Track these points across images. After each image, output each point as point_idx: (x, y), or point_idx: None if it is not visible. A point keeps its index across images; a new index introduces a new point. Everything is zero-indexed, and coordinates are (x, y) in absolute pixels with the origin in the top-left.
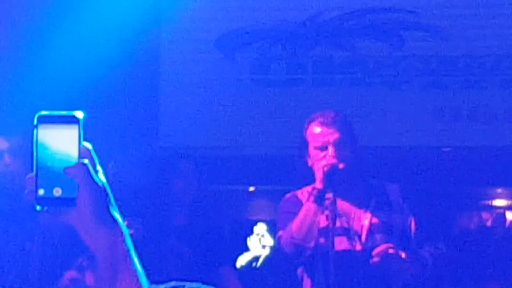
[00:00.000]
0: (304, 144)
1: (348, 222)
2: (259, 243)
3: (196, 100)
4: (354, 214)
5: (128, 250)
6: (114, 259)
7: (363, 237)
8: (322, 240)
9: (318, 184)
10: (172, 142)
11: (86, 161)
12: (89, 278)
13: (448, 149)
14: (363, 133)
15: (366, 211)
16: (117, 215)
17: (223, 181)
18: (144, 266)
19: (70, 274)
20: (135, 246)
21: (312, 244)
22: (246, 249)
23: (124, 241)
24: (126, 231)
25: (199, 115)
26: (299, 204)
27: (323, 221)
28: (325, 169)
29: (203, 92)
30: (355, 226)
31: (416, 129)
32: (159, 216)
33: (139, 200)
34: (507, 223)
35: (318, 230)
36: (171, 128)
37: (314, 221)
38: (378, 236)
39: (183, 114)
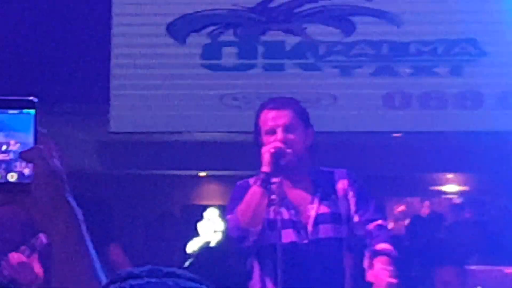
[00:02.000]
0: (257, 130)
1: (295, 213)
2: (210, 228)
3: (147, 85)
4: (301, 203)
5: (83, 236)
6: (69, 245)
7: (309, 228)
8: (269, 231)
9: (265, 168)
10: (122, 128)
11: (41, 146)
12: (36, 263)
13: (398, 134)
14: (313, 118)
15: (312, 200)
16: (72, 200)
17: (173, 166)
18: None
19: (16, 256)
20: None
21: (258, 228)
22: (197, 234)
23: (79, 226)
24: (81, 217)
25: (150, 100)
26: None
27: (270, 213)
28: (272, 151)
29: (154, 77)
30: (302, 217)
31: (367, 114)
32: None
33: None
34: (457, 208)
35: (265, 221)
36: (122, 113)
37: (260, 205)
38: (325, 227)
39: (134, 99)
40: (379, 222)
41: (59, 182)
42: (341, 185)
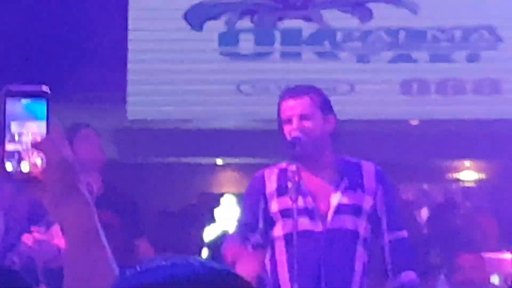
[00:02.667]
0: (278, 119)
1: (312, 201)
2: (227, 216)
3: (165, 73)
4: (321, 191)
5: (96, 226)
6: (81, 233)
7: (329, 217)
8: (286, 220)
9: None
10: (140, 115)
11: (53, 135)
12: (55, 236)
13: (416, 122)
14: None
15: (336, 189)
16: (84, 189)
17: (190, 154)
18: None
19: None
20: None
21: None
22: (214, 221)
23: (91, 216)
24: (93, 207)
25: (167, 87)
26: (262, 186)
27: (286, 201)
28: (289, 140)
29: (171, 65)
30: (321, 205)
31: (384, 101)
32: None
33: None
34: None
35: (282, 210)
36: (139, 101)
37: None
38: (344, 218)
39: (151, 87)
40: (404, 233)
41: (70, 171)
42: (369, 180)
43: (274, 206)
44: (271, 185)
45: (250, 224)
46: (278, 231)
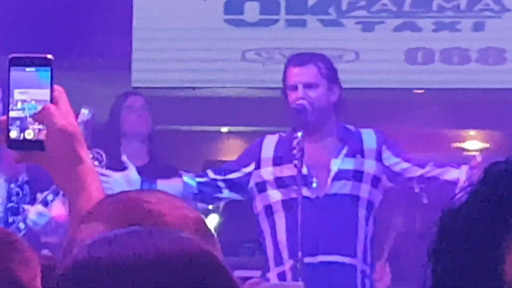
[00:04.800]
0: (283, 85)
1: (314, 168)
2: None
3: (169, 40)
4: (323, 158)
5: (100, 191)
6: (85, 201)
7: (328, 182)
8: (291, 186)
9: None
10: (145, 83)
11: (56, 103)
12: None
13: (421, 91)
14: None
15: (337, 155)
16: (87, 156)
17: (194, 122)
18: None
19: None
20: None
21: None
22: None
23: (95, 182)
24: (96, 173)
25: (172, 55)
26: (258, 150)
27: (291, 168)
28: (293, 106)
29: (176, 32)
30: (322, 172)
31: (389, 70)
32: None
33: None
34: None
35: (278, 178)
36: (144, 68)
37: None
38: (344, 183)
39: (155, 55)
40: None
41: (73, 139)
42: (369, 145)
43: (268, 173)
44: (267, 152)
45: (227, 169)
46: (276, 198)
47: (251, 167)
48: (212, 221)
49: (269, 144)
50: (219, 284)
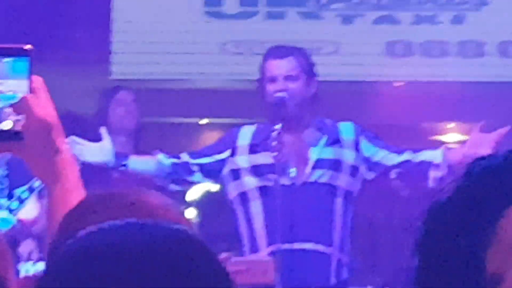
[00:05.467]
0: (261, 77)
1: (291, 159)
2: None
3: (149, 32)
4: (303, 149)
5: (79, 187)
6: (64, 191)
7: (307, 171)
8: (260, 175)
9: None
10: (124, 75)
11: (35, 94)
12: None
13: (401, 83)
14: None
15: (316, 145)
16: (66, 147)
17: (174, 114)
18: None
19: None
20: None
21: None
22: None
23: (73, 172)
24: (76, 163)
25: (152, 47)
26: (234, 138)
27: (260, 158)
28: (271, 99)
29: (155, 24)
30: (299, 163)
31: (368, 63)
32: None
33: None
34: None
35: (255, 166)
36: (124, 60)
37: None
38: (322, 172)
39: (135, 47)
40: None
41: (51, 130)
42: (348, 135)
43: (244, 161)
44: (244, 140)
45: (199, 154)
46: (251, 185)
47: (226, 153)
48: (190, 215)
49: (246, 133)
50: (211, 274)
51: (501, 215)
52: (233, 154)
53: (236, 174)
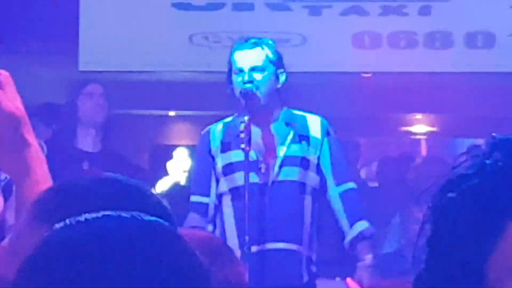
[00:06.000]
0: (228, 69)
1: (262, 154)
2: (179, 168)
3: (117, 24)
4: (270, 144)
5: (47, 176)
6: (33, 185)
7: (275, 169)
8: (231, 174)
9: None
10: (92, 66)
11: (1, 88)
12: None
13: (368, 75)
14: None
15: (283, 142)
16: (34, 141)
17: (142, 106)
18: None
19: None
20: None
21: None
22: (166, 173)
23: (42, 167)
24: (43, 157)
25: (119, 39)
26: (207, 144)
27: (239, 154)
28: (238, 92)
29: (123, 16)
30: (269, 158)
31: (336, 54)
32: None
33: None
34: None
35: (226, 165)
36: (91, 52)
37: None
38: (291, 170)
39: (103, 38)
40: (352, 184)
41: (20, 124)
42: (315, 132)
43: (219, 163)
44: (215, 142)
45: (202, 188)
46: (224, 186)
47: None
48: None
49: (216, 134)
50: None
51: (507, 226)
52: (212, 160)
53: (217, 178)
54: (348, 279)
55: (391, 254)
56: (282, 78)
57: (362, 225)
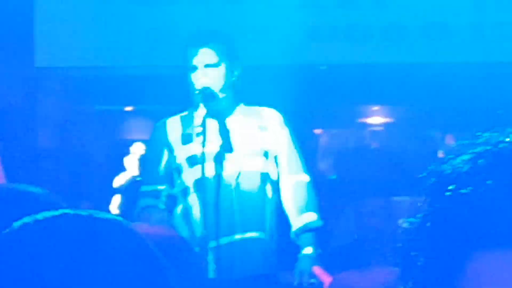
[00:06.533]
0: (184, 65)
1: (221, 146)
2: (136, 163)
3: (73, 18)
4: (230, 136)
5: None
6: None
7: (239, 161)
8: (194, 167)
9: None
10: (48, 62)
11: None
12: None
13: (324, 67)
14: (239, 51)
15: (243, 134)
16: None
17: (99, 101)
18: None
19: None
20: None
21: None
22: (123, 169)
23: None
24: None
25: (75, 34)
26: (163, 135)
27: (195, 147)
28: (195, 87)
29: (79, 10)
30: (229, 151)
31: (293, 47)
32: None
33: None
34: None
35: (189, 158)
36: (47, 47)
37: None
38: (254, 160)
39: (59, 33)
40: (305, 177)
41: None
42: (272, 125)
43: (180, 154)
44: (174, 134)
45: (154, 178)
46: (188, 178)
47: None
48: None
49: (174, 126)
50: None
51: (469, 256)
52: (170, 151)
53: (179, 170)
54: (315, 267)
55: (346, 246)
56: (238, 71)
57: (308, 217)
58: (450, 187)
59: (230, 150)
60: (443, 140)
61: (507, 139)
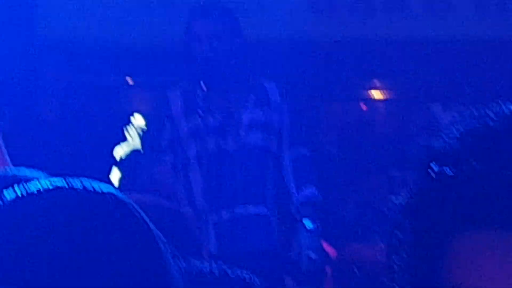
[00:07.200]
0: (187, 38)
1: (224, 120)
2: (137, 134)
3: None
4: (231, 111)
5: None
6: None
7: (241, 135)
8: (197, 139)
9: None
10: (49, 33)
11: None
12: None
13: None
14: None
15: (245, 108)
16: None
17: (102, 72)
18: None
19: None
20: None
21: None
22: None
23: None
24: None
25: (77, 4)
26: (165, 107)
27: (196, 121)
28: (197, 59)
29: None
30: (232, 124)
31: (293, 21)
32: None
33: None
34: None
35: (192, 130)
36: (48, 18)
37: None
38: (256, 134)
39: (60, 3)
40: (304, 150)
41: None
42: (274, 97)
43: (183, 126)
44: (176, 105)
45: (156, 149)
46: (190, 150)
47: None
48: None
49: (176, 98)
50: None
51: (454, 237)
52: (172, 123)
53: (178, 142)
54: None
55: (351, 219)
56: (239, 44)
57: (308, 190)
58: (437, 166)
59: (231, 123)
60: (443, 115)
61: (499, 116)
